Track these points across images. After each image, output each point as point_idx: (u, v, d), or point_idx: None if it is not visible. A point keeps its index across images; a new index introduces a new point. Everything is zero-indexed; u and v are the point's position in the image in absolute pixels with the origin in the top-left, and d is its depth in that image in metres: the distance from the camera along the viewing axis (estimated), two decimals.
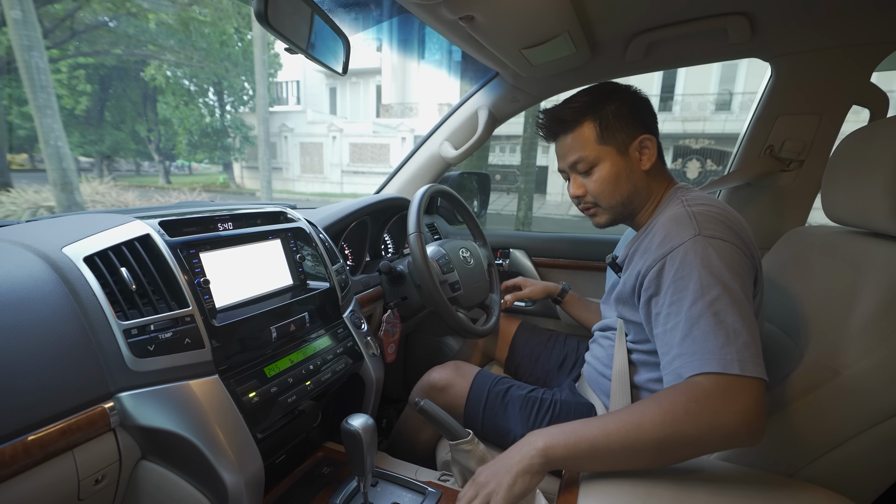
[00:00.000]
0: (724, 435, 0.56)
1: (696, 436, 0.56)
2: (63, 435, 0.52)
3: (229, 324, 0.68)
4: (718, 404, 0.56)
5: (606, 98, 0.80)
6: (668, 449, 0.58)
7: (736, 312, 0.60)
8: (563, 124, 0.82)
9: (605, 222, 0.87)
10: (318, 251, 0.92)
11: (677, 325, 0.63)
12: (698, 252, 0.64)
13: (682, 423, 0.56)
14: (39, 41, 4.88)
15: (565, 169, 0.86)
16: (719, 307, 0.60)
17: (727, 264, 0.63)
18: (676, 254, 0.66)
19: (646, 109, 0.82)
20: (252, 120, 14.25)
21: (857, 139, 0.75)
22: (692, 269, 0.63)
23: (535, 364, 1.21)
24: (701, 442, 0.57)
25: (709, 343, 0.59)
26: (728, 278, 0.62)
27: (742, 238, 0.67)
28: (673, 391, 0.59)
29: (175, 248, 0.66)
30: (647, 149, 0.80)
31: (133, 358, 0.58)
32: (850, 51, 1.06)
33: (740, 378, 0.56)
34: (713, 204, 0.72)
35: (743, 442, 0.57)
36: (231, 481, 0.62)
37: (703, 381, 0.58)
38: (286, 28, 0.69)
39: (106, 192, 6.87)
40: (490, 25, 0.86)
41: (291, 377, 0.76)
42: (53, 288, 0.58)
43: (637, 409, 0.61)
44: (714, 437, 0.56)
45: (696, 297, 0.62)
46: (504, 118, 1.45)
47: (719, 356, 0.58)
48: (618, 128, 0.79)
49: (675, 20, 1.00)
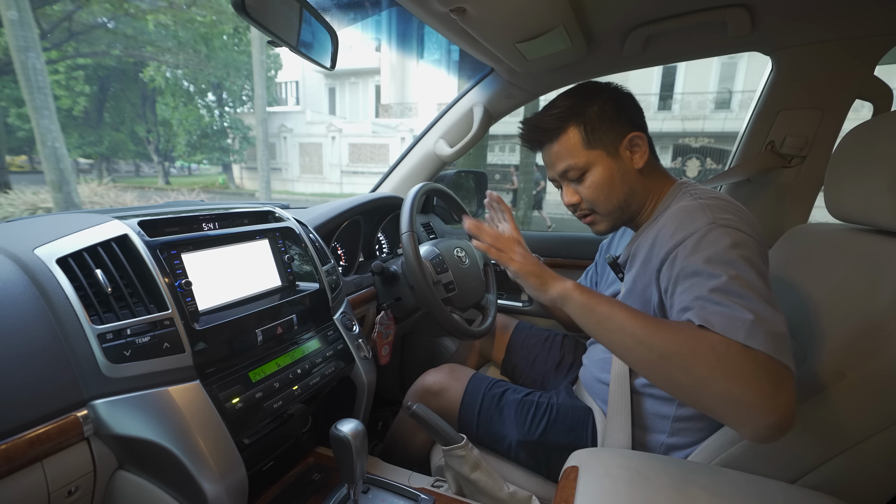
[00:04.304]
0: (733, 406, 0.51)
1: (703, 375, 0.52)
2: (31, 445, 0.49)
3: (212, 327, 0.66)
4: (748, 372, 0.51)
5: (588, 99, 0.76)
6: (671, 365, 0.55)
7: (753, 296, 0.55)
8: (547, 133, 0.78)
9: (605, 229, 0.82)
10: (308, 251, 0.90)
11: (685, 309, 0.59)
12: (713, 239, 0.60)
13: (699, 356, 0.53)
14: (36, 42, 4.88)
15: (555, 178, 0.82)
16: (730, 289, 0.55)
17: (741, 253, 0.59)
18: (688, 244, 0.62)
19: (631, 106, 0.78)
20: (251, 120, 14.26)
21: (860, 134, 0.73)
22: (701, 257, 0.59)
23: (532, 365, 1.19)
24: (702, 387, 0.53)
25: (736, 312, 0.54)
26: (741, 265, 0.58)
27: (755, 229, 0.64)
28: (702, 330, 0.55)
29: (154, 248, 0.64)
30: (638, 147, 0.76)
31: (108, 363, 0.56)
32: (853, 43, 1.04)
33: (770, 358, 0.51)
34: (723, 197, 0.69)
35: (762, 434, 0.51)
36: (212, 491, 0.60)
37: (731, 346, 0.52)
38: (268, 19, 0.66)
39: (104, 193, 6.86)
40: (482, 18, 0.83)
41: (278, 382, 0.74)
42: (23, 290, 0.55)
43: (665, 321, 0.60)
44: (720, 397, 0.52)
45: (704, 283, 0.57)
46: (500, 115, 1.43)
47: (748, 329, 0.52)
48: (604, 129, 0.75)
49: (674, 13, 0.98)
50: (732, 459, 0.68)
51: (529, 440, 0.87)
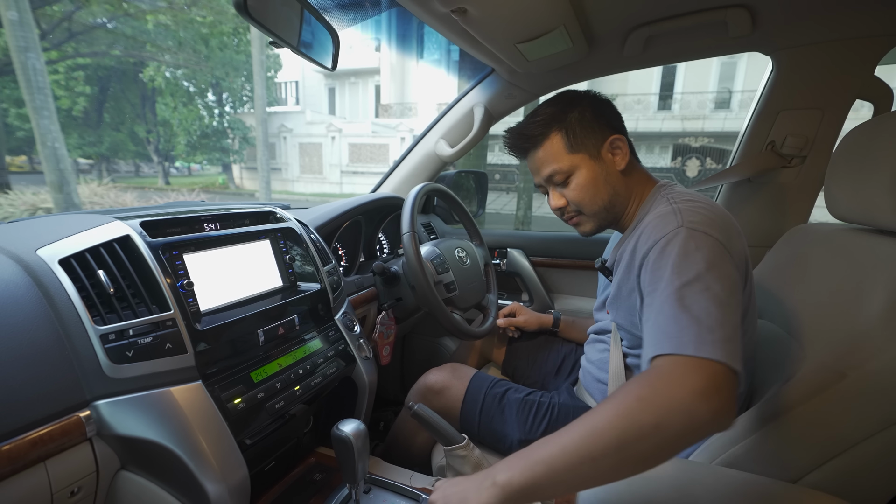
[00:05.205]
0: (683, 416, 0.49)
1: (653, 423, 0.49)
2: (34, 446, 0.49)
3: (214, 327, 0.66)
4: (673, 383, 0.51)
5: (568, 106, 0.79)
6: (628, 448, 0.49)
7: (706, 300, 0.56)
8: (531, 139, 0.81)
9: (590, 230, 0.85)
10: (309, 252, 0.90)
11: (649, 317, 0.60)
12: (678, 242, 0.62)
13: (635, 412, 0.50)
14: (36, 42, 4.87)
15: (542, 183, 0.84)
16: (687, 293, 0.57)
17: (705, 256, 0.60)
18: (658, 245, 0.65)
19: (609, 111, 0.82)
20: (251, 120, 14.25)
21: (861, 134, 0.73)
22: (669, 258, 0.62)
23: (532, 366, 1.19)
24: (660, 429, 0.49)
25: (669, 327, 0.56)
26: (703, 268, 0.59)
27: (727, 233, 0.65)
28: (629, 382, 0.55)
29: (156, 249, 0.64)
30: (618, 149, 0.79)
31: (110, 364, 0.56)
32: (853, 43, 1.04)
33: (698, 359, 0.51)
34: (699, 200, 0.70)
35: (707, 423, 0.49)
36: (214, 491, 0.60)
37: (660, 363, 0.54)
38: (270, 20, 0.66)
39: (104, 193, 6.86)
40: (483, 19, 0.83)
41: (279, 382, 0.74)
42: (26, 292, 0.55)
43: (591, 412, 0.54)
44: (672, 420, 0.49)
45: (667, 284, 0.59)
46: (500, 115, 1.43)
47: (675, 338, 0.54)
48: (585, 133, 0.78)
49: (675, 13, 0.98)
50: (734, 459, 0.68)
51: (531, 440, 0.86)
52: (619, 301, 0.78)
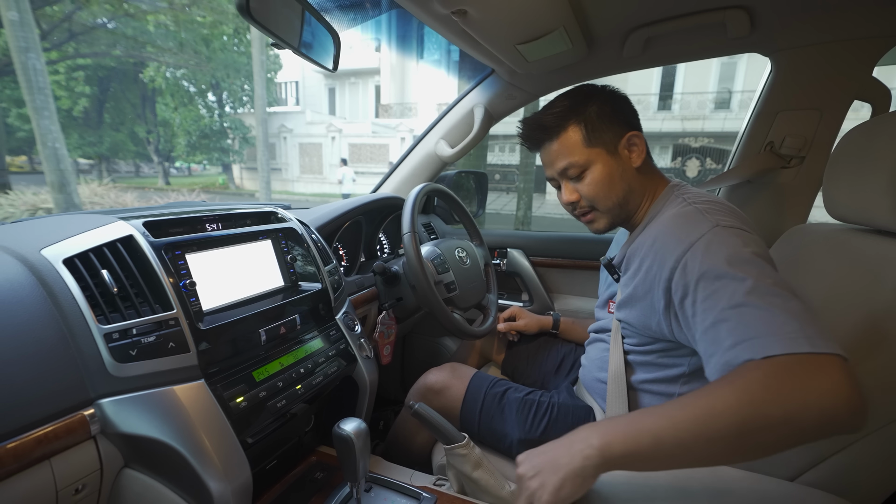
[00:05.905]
0: (819, 413, 0.46)
1: (782, 416, 0.47)
2: (39, 444, 0.50)
3: (216, 327, 0.66)
4: (804, 380, 0.47)
5: (587, 99, 0.78)
6: (750, 435, 0.48)
7: (783, 293, 0.53)
8: (547, 130, 0.79)
9: (603, 227, 0.83)
10: (310, 252, 0.90)
11: (720, 320, 0.55)
12: (721, 242, 0.60)
13: (763, 403, 0.47)
14: (36, 42, 4.88)
15: (554, 176, 0.82)
16: (762, 290, 0.54)
17: (754, 251, 0.59)
18: (697, 248, 0.61)
19: (627, 107, 0.80)
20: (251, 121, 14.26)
21: (859, 135, 0.74)
22: (719, 257, 0.58)
23: (532, 365, 1.19)
24: (790, 424, 0.47)
25: (764, 326, 0.51)
26: (760, 263, 0.57)
27: (755, 229, 0.65)
28: (742, 370, 0.51)
29: (159, 249, 0.64)
30: (635, 146, 0.78)
31: (114, 363, 0.56)
32: (852, 45, 1.04)
33: (816, 355, 0.49)
34: (717, 201, 0.70)
35: (844, 421, 0.47)
36: (217, 489, 0.60)
37: (779, 360, 0.49)
38: (271, 22, 0.67)
39: (104, 193, 6.87)
40: (483, 20, 0.84)
41: (281, 381, 0.74)
42: (30, 291, 0.56)
43: (705, 392, 0.51)
44: (807, 416, 0.47)
45: (734, 287, 0.55)
46: (500, 116, 1.44)
47: (781, 336, 0.50)
48: (603, 128, 0.77)
49: (674, 14, 0.98)
50: None
51: (531, 439, 0.87)
52: (634, 301, 0.75)
